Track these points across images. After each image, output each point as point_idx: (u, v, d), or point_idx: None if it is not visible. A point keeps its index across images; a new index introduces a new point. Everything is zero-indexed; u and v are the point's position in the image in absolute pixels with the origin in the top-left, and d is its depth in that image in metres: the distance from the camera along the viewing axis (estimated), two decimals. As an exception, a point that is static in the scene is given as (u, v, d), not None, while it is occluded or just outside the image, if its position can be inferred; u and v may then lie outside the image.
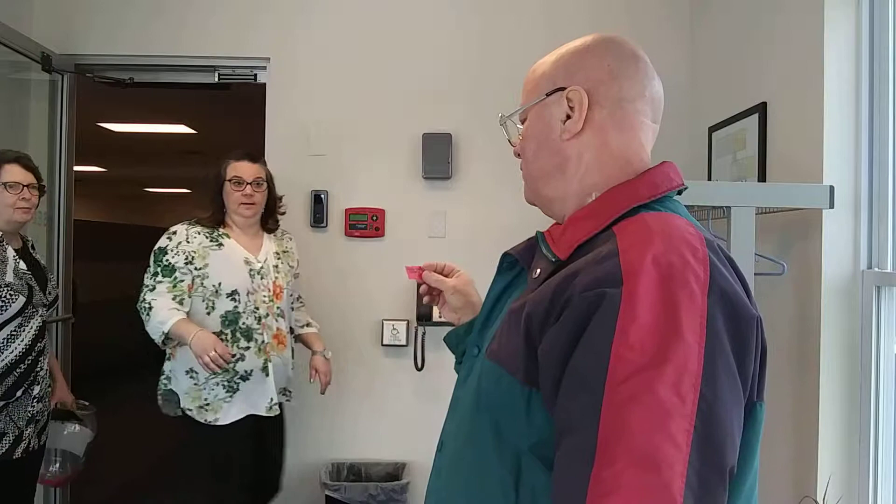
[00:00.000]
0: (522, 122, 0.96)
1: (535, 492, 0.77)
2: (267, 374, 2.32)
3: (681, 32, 3.04)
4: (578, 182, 0.89)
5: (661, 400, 0.66)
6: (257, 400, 2.33)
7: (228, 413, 2.30)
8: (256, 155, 2.48)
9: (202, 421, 2.29)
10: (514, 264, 0.96)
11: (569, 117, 0.89)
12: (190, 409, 2.31)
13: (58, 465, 2.40)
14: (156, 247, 2.34)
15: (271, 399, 2.33)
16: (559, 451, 0.71)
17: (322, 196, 3.00)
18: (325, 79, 3.03)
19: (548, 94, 0.91)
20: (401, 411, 3.01)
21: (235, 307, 2.30)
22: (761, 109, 2.27)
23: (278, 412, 2.40)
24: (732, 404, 0.70)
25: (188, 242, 2.32)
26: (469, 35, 3.04)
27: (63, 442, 2.41)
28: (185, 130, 6.41)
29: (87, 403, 2.57)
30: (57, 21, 2.99)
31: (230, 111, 5.00)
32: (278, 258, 2.46)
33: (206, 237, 2.35)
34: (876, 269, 1.91)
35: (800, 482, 2.02)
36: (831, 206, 1.86)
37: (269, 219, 2.51)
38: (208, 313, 2.29)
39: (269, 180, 2.48)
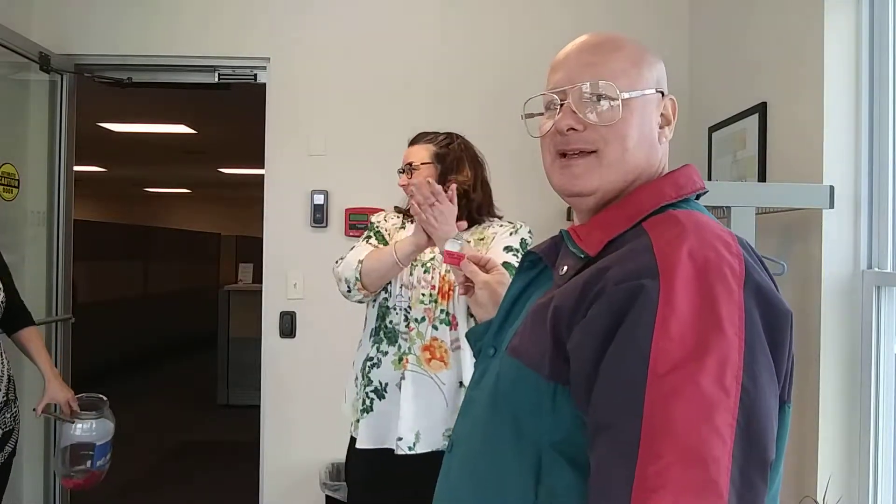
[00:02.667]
0: (606, 101, 0.86)
1: (556, 491, 0.76)
2: (400, 393, 1.80)
3: (680, 32, 3.03)
4: (637, 180, 0.89)
5: (705, 393, 0.65)
6: (387, 426, 1.82)
7: (363, 436, 1.84)
8: (424, 134, 1.99)
9: (355, 436, 1.88)
10: (534, 263, 0.95)
11: (666, 124, 0.91)
12: (352, 424, 1.92)
13: (87, 463, 2.23)
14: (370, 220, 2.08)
15: (397, 431, 1.79)
16: (597, 447, 0.70)
17: (322, 196, 3.00)
18: (325, 79, 3.03)
19: (662, 94, 0.91)
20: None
21: (385, 299, 1.88)
22: (761, 109, 2.27)
23: (411, 451, 1.77)
24: (771, 398, 0.70)
25: (385, 221, 2.03)
26: (470, 34, 3.04)
27: (76, 439, 2.23)
28: (185, 130, 6.42)
29: (102, 397, 2.35)
30: (56, 21, 2.99)
31: (230, 111, 5.01)
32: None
33: (399, 219, 2.02)
34: (876, 269, 1.91)
35: (800, 482, 2.02)
36: (831, 206, 1.86)
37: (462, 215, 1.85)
38: (371, 305, 1.94)
39: (439, 161, 1.92)
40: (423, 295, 1.85)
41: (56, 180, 3.03)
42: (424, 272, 1.88)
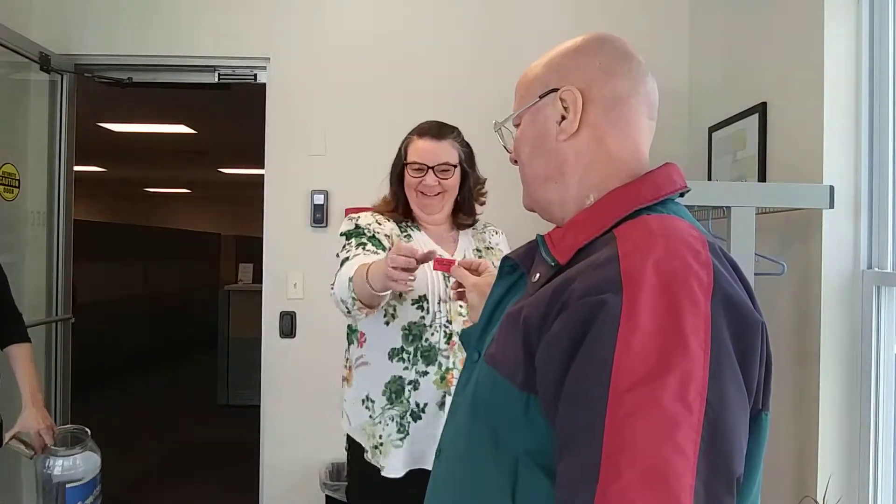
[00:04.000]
0: (517, 127, 0.95)
1: (532, 501, 0.76)
2: (444, 412, 1.68)
3: (681, 32, 3.04)
4: (577, 184, 0.87)
5: (666, 410, 0.64)
6: (426, 447, 1.69)
7: (396, 463, 1.71)
8: (446, 128, 1.86)
9: (374, 464, 1.74)
10: (514, 268, 0.94)
11: (564, 118, 0.87)
12: (365, 450, 1.76)
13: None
14: (343, 230, 1.85)
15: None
16: (561, 464, 0.69)
17: (322, 196, 3.00)
18: (325, 79, 3.03)
19: (541, 97, 0.89)
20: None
21: (422, 318, 1.72)
22: (761, 109, 2.27)
23: None
24: (739, 411, 0.69)
25: (379, 224, 1.83)
26: (470, 35, 3.04)
27: (58, 479, 1.96)
28: (185, 130, 6.42)
29: (84, 429, 2.07)
30: (56, 21, 2.99)
31: (230, 111, 5.01)
32: (480, 257, 1.81)
33: (395, 224, 1.85)
34: (876, 269, 1.91)
35: (800, 482, 2.02)
36: (831, 206, 1.86)
37: (461, 213, 1.89)
38: (387, 322, 1.74)
39: (466, 162, 1.84)
40: (461, 306, 1.74)
41: (56, 180, 3.03)
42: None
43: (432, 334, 1.73)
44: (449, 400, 1.67)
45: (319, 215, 3.00)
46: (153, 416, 5.90)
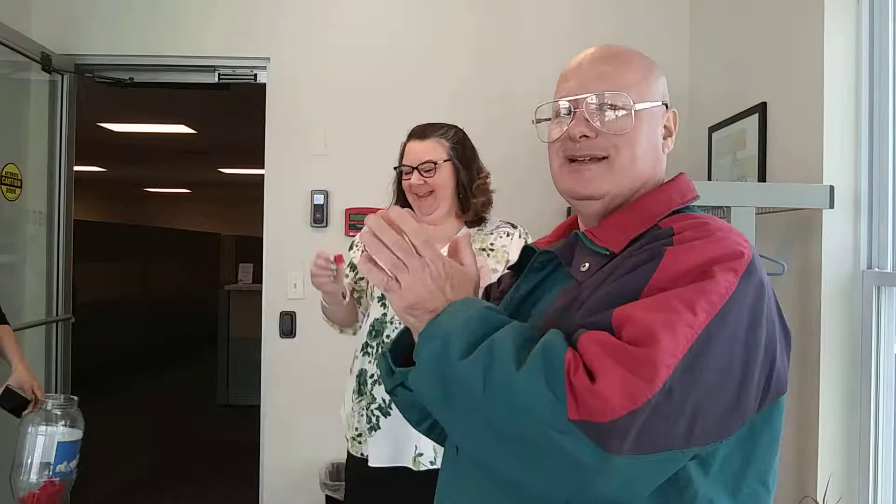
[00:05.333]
0: (616, 109, 0.90)
1: None
2: None
3: (681, 32, 3.04)
4: (640, 190, 0.94)
5: (674, 306, 0.72)
6: (403, 445, 1.74)
7: (375, 453, 1.77)
8: (432, 127, 1.86)
9: (354, 454, 1.85)
10: (544, 264, 0.94)
11: (667, 135, 0.96)
12: (349, 441, 1.87)
13: (49, 470, 1.86)
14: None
15: (415, 448, 1.73)
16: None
17: (322, 196, 3.00)
18: (325, 79, 3.03)
19: (666, 105, 0.96)
20: (401, 411, 3.00)
21: (384, 314, 1.81)
22: (761, 109, 2.27)
23: (433, 466, 1.71)
24: (724, 365, 0.73)
25: (357, 248, 2.01)
26: (471, 34, 3.04)
27: (41, 447, 1.88)
28: (185, 130, 6.42)
29: (71, 397, 2.00)
30: (57, 21, 2.99)
31: (230, 111, 5.01)
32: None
33: None
34: (876, 269, 1.91)
35: (800, 482, 2.02)
36: (831, 206, 1.86)
37: (464, 209, 1.85)
38: (365, 318, 1.89)
39: (458, 157, 1.82)
40: None
41: (56, 180, 3.04)
42: None
43: (393, 331, 1.80)
44: None
45: (319, 215, 3.00)
46: (153, 416, 5.90)
